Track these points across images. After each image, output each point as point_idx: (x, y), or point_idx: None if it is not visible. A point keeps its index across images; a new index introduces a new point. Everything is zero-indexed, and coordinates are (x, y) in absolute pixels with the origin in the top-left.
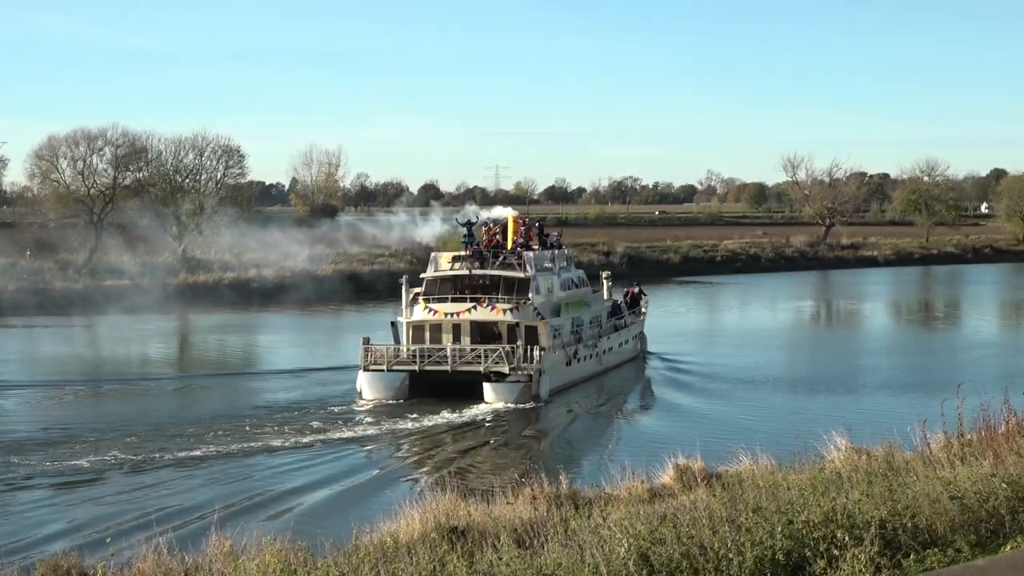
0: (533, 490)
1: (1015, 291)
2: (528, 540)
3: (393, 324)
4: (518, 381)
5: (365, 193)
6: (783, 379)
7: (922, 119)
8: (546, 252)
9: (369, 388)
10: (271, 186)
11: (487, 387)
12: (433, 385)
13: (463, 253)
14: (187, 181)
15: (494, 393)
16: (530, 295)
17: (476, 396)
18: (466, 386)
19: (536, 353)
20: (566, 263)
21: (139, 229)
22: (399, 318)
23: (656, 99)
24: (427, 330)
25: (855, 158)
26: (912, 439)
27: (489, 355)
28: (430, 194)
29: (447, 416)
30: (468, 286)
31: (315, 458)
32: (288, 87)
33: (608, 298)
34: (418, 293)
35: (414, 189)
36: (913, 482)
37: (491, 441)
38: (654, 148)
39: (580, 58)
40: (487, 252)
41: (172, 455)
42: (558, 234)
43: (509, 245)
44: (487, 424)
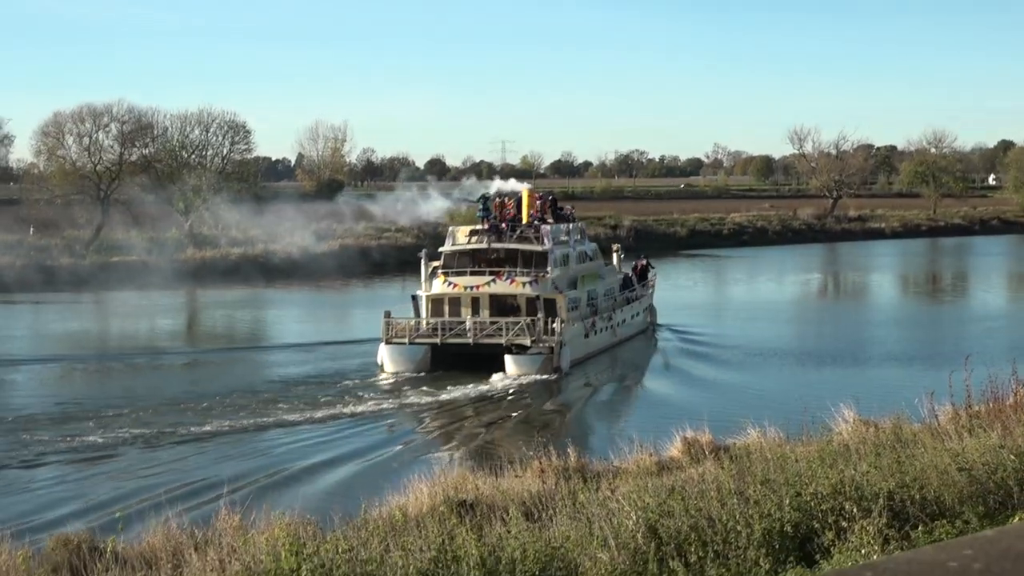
0: (541, 463)
1: (1023, 262)
2: (537, 513)
3: (414, 297)
4: (540, 353)
5: (371, 168)
6: (791, 351)
7: (929, 91)
8: (561, 226)
9: (391, 361)
10: (277, 162)
11: (509, 359)
12: (454, 357)
13: (480, 227)
14: (193, 157)
15: (516, 365)
16: (548, 268)
17: (497, 368)
18: (487, 358)
19: (557, 325)
20: (580, 236)
21: (145, 205)
22: (419, 291)
23: (662, 72)
24: (446, 303)
25: (862, 130)
26: (920, 411)
27: (510, 327)
28: (436, 169)
29: (469, 388)
30: (486, 259)
31: (335, 433)
32: (294, 62)
33: (619, 271)
34: (437, 267)
35: (420, 164)
36: (921, 454)
37: (513, 415)
38: (660, 121)
39: (586, 31)
40: (504, 226)
41: (188, 430)
42: (571, 207)
43: (524, 219)
44: (509, 396)
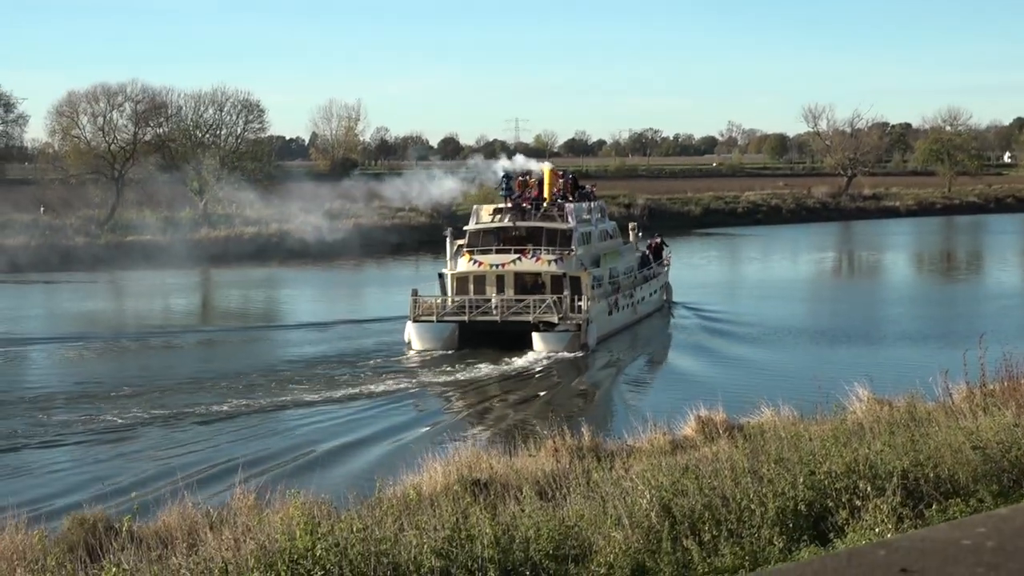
0: (555, 443)
1: None
2: (550, 492)
3: (440, 276)
4: (567, 330)
5: (385, 147)
6: (805, 330)
7: (944, 68)
8: (583, 204)
9: (419, 339)
10: (291, 141)
11: (536, 337)
12: (481, 335)
13: (504, 205)
14: (207, 136)
15: (543, 343)
16: (573, 246)
17: (524, 346)
18: (514, 336)
19: (584, 303)
20: (600, 215)
21: (159, 185)
22: (444, 270)
23: (676, 50)
24: (471, 281)
25: (877, 108)
26: (934, 390)
27: (537, 305)
28: (450, 147)
29: (500, 366)
30: (510, 238)
31: (360, 412)
32: (308, 41)
33: (637, 250)
34: (462, 245)
35: (434, 143)
36: (935, 432)
37: (541, 394)
38: (675, 100)
39: (601, 9)
40: (525, 204)
41: (209, 409)
42: (592, 186)
43: (547, 197)
44: (538, 374)
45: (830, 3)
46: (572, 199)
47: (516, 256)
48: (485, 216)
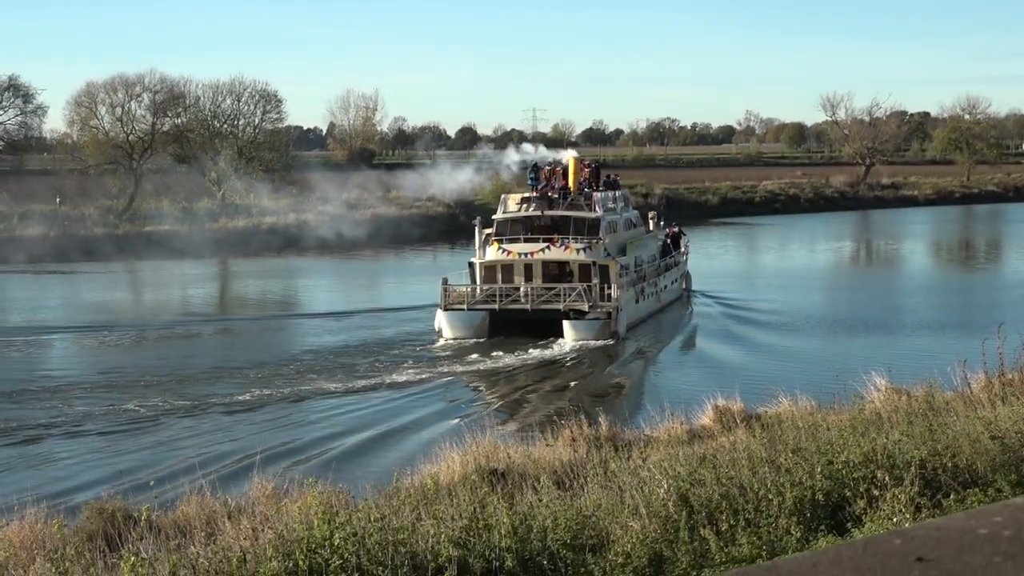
0: (572, 432)
1: None
2: (568, 482)
3: (471, 264)
4: (597, 318)
5: (403, 137)
6: (823, 319)
7: (963, 56)
8: (609, 193)
9: (450, 327)
10: (309, 131)
11: (567, 325)
12: (511, 323)
13: (531, 195)
14: (225, 127)
15: (574, 330)
16: (600, 234)
17: (554, 333)
18: (544, 324)
19: (613, 291)
20: (624, 203)
21: (177, 175)
22: (474, 259)
23: (694, 39)
24: (499, 270)
25: (895, 97)
26: (952, 379)
27: (567, 294)
28: (467, 137)
29: (529, 354)
30: (538, 227)
31: (391, 401)
32: (326, 31)
33: (658, 238)
34: (490, 234)
35: (451, 132)
36: (953, 422)
37: (571, 385)
38: (692, 89)
39: None
40: (551, 193)
41: (241, 397)
42: (616, 175)
43: (572, 187)
44: (568, 363)
45: None
46: (597, 188)
47: (545, 245)
48: (512, 205)
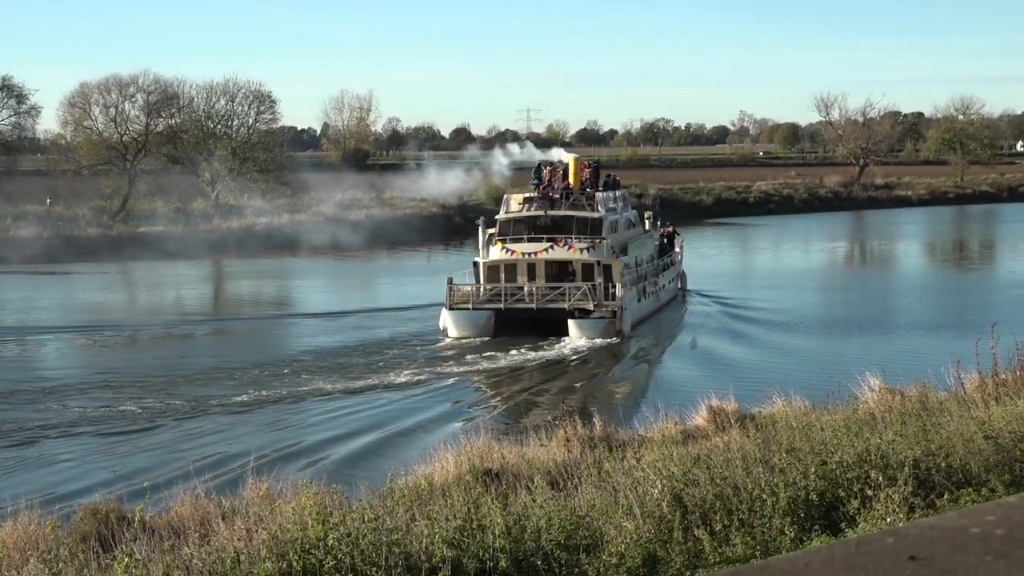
0: (566, 432)
1: None
2: (562, 482)
3: (475, 264)
4: (602, 317)
5: (397, 137)
6: (816, 320)
7: (957, 57)
8: (609, 193)
9: (455, 326)
10: (303, 131)
11: (572, 324)
12: (516, 323)
13: (533, 195)
14: (219, 127)
15: (579, 330)
16: (603, 234)
17: (558, 333)
18: (549, 323)
19: (618, 290)
20: (624, 203)
21: (171, 176)
22: (477, 258)
23: (688, 39)
24: (502, 270)
25: (889, 97)
26: (946, 379)
27: (572, 293)
28: (462, 137)
29: (535, 353)
30: (541, 226)
31: (395, 402)
32: (319, 31)
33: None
34: (493, 234)
35: (446, 133)
36: (947, 422)
37: (577, 385)
38: (686, 89)
39: None
40: (552, 193)
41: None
42: (615, 175)
43: (573, 186)
44: (572, 362)
45: None
46: (597, 188)
47: (548, 244)
48: (515, 205)
